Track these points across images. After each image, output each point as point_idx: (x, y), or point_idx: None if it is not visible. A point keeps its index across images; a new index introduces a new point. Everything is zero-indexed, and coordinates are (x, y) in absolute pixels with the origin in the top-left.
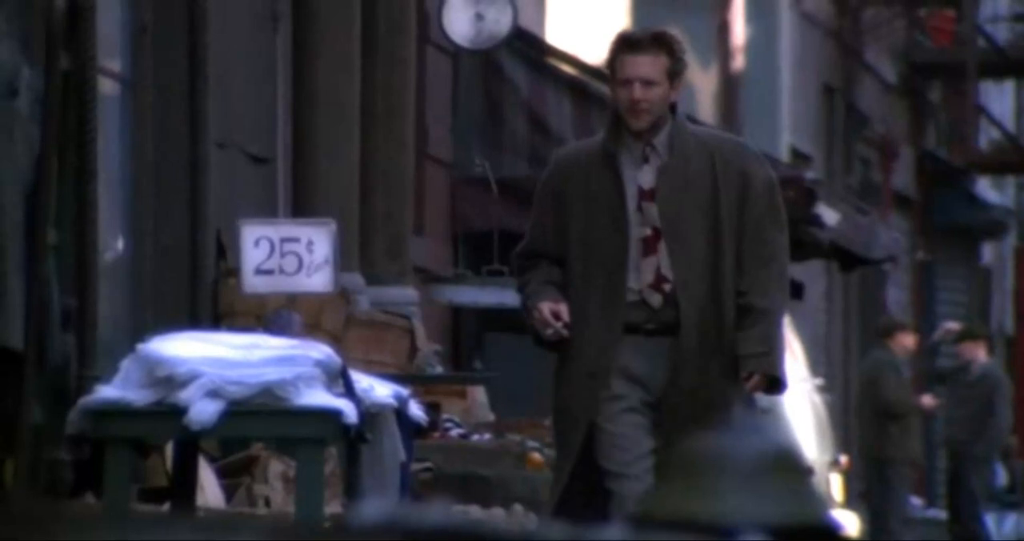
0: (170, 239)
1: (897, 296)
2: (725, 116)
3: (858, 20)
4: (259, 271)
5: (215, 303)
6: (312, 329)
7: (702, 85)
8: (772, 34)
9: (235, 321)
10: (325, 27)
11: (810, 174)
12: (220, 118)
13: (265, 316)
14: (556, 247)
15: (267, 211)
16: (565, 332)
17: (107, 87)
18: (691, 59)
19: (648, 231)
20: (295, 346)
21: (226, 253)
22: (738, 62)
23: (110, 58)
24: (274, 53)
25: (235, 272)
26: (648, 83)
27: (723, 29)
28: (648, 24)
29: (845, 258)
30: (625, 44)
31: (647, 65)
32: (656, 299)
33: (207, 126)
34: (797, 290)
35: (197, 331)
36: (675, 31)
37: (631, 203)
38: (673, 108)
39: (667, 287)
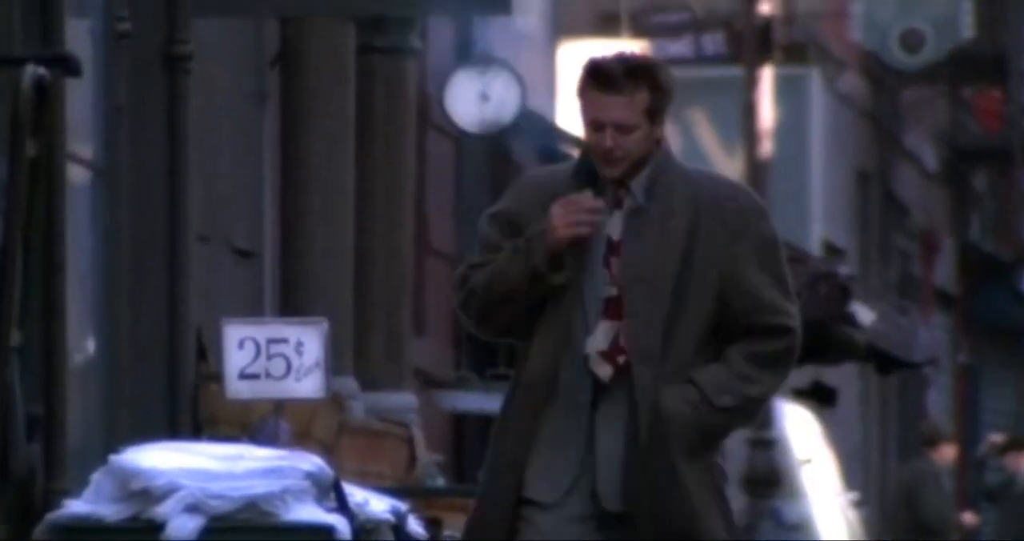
0: (146, 340)
1: (939, 401)
2: None
3: (896, 101)
4: (244, 375)
5: (195, 410)
6: (302, 438)
7: (727, 170)
8: (803, 115)
9: (217, 430)
10: (317, 106)
11: (844, 269)
12: (202, 206)
13: (250, 424)
14: None
15: (252, 309)
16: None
17: (77, 174)
18: (716, 143)
19: (614, 292)
20: (283, 457)
21: (207, 355)
22: (766, 146)
23: (80, 142)
24: (261, 134)
25: (217, 376)
26: (624, 128)
27: (749, 110)
28: (672, 107)
29: (883, 360)
30: (595, 79)
31: (621, 108)
32: (605, 372)
33: (187, 215)
34: (830, 395)
35: (176, 441)
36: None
37: (595, 254)
38: (663, 149)
39: (622, 360)
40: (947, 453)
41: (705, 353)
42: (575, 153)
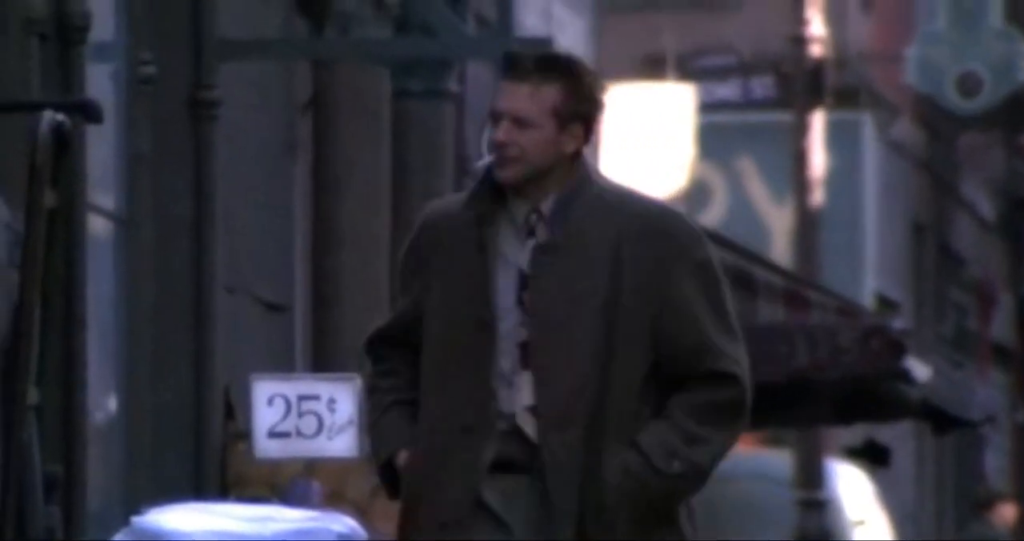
0: (171, 397)
1: (996, 462)
2: (802, 257)
3: (952, 149)
4: (273, 434)
5: (222, 470)
6: (334, 499)
7: (776, 222)
8: (855, 165)
9: (245, 491)
10: (350, 157)
11: (898, 323)
12: (229, 259)
13: (280, 485)
14: (416, 336)
15: (282, 365)
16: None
17: (98, 225)
18: (764, 193)
19: (530, 334)
20: (314, 519)
21: (235, 413)
22: (817, 196)
23: (101, 192)
24: (291, 185)
25: (246, 434)
26: (520, 122)
27: (800, 157)
28: (718, 154)
29: (938, 419)
30: (505, 65)
31: (523, 98)
32: (535, 429)
33: (214, 268)
34: (884, 454)
35: (201, 502)
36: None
37: (505, 293)
38: (576, 158)
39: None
40: (1005, 514)
41: (646, 402)
42: None
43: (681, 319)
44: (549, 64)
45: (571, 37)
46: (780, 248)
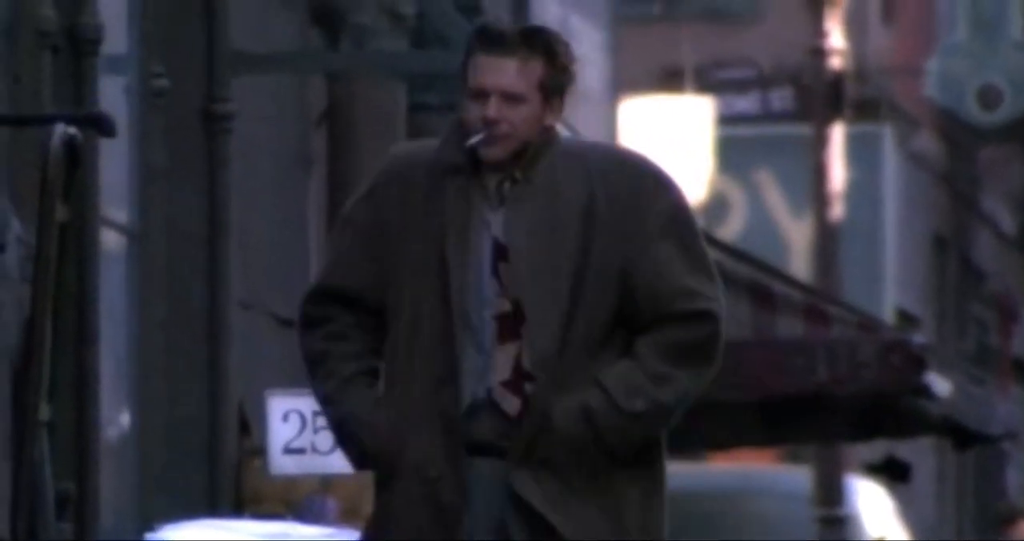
0: (184, 413)
1: (1018, 478)
2: (821, 271)
3: (973, 162)
4: (288, 450)
5: (237, 487)
6: (350, 516)
7: (795, 236)
8: (875, 178)
9: (260, 508)
10: (365, 167)
11: (918, 338)
12: (243, 274)
13: (295, 501)
14: (369, 291)
15: (297, 380)
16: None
17: (110, 240)
18: (783, 206)
19: (508, 305)
20: (330, 536)
21: (250, 429)
22: (836, 210)
23: (114, 206)
24: (306, 199)
25: (260, 451)
26: (511, 98)
27: (819, 172)
28: (737, 166)
29: (959, 434)
30: (483, 39)
31: (511, 73)
32: (512, 404)
33: (228, 282)
34: (904, 471)
35: (216, 519)
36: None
37: (482, 262)
38: (550, 130)
39: (530, 387)
40: None
41: (609, 348)
42: None
43: (655, 259)
44: (531, 36)
45: (588, 49)
46: (799, 262)
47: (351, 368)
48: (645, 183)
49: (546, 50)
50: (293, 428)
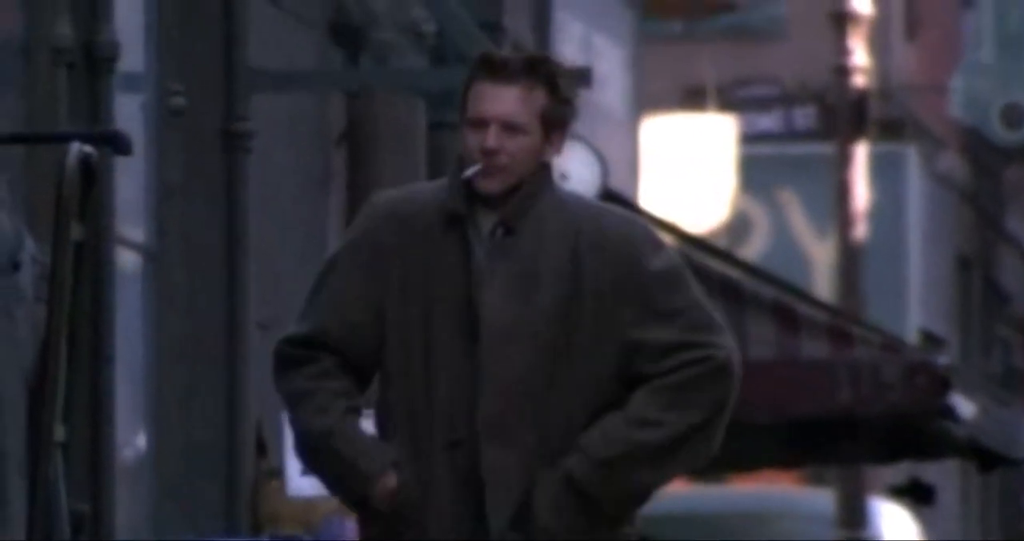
0: (201, 434)
1: None
2: (844, 292)
3: (998, 182)
4: (306, 471)
5: (255, 509)
6: None
7: (818, 256)
8: (899, 198)
9: (279, 529)
10: (385, 187)
11: (943, 359)
12: (261, 294)
13: (313, 523)
14: (362, 336)
15: None
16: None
17: (126, 259)
18: (806, 226)
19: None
20: None
21: (267, 450)
22: (860, 230)
23: (130, 225)
24: (325, 218)
25: (278, 472)
26: (511, 128)
27: (843, 192)
28: (760, 186)
29: (983, 457)
30: (485, 67)
31: (513, 102)
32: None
33: (246, 303)
34: (928, 493)
35: (233, 540)
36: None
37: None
38: (546, 170)
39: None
40: None
41: (607, 408)
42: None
43: (643, 330)
44: (536, 65)
45: (610, 67)
46: (822, 282)
47: (343, 404)
48: (634, 248)
49: (549, 81)
50: None
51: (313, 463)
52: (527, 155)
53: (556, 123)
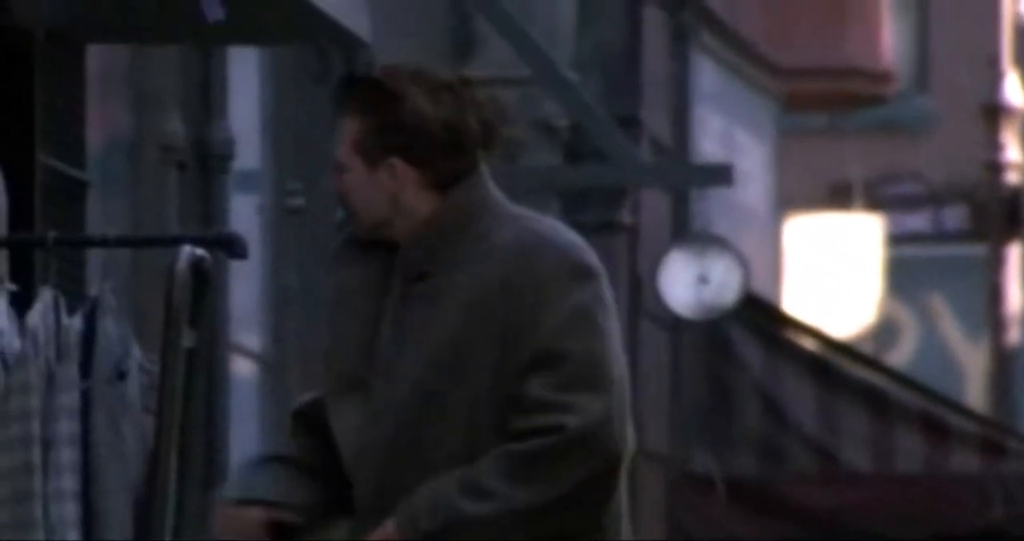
0: None
1: None
2: (997, 400)
3: None
4: None
5: None
6: None
7: (970, 361)
8: None
9: None
10: None
11: None
12: None
13: None
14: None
15: None
16: None
17: (241, 367)
18: (957, 331)
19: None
20: None
21: None
22: (1013, 334)
23: (245, 332)
24: None
25: None
26: (336, 167)
27: (995, 295)
28: (908, 288)
29: None
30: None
31: (339, 136)
32: None
33: None
34: None
35: None
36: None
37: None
38: (458, 208)
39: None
40: None
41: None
42: (802, 343)
43: (531, 373)
44: (353, 88)
45: (752, 163)
46: (975, 390)
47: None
48: (551, 283)
49: (361, 103)
50: None
51: None
52: (360, 194)
53: (382, 150)
